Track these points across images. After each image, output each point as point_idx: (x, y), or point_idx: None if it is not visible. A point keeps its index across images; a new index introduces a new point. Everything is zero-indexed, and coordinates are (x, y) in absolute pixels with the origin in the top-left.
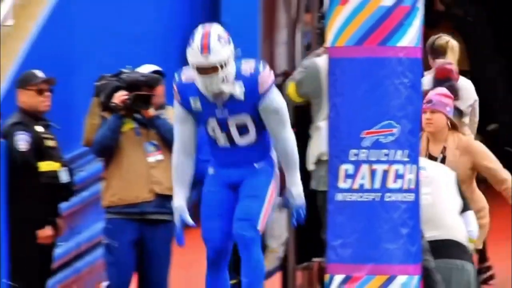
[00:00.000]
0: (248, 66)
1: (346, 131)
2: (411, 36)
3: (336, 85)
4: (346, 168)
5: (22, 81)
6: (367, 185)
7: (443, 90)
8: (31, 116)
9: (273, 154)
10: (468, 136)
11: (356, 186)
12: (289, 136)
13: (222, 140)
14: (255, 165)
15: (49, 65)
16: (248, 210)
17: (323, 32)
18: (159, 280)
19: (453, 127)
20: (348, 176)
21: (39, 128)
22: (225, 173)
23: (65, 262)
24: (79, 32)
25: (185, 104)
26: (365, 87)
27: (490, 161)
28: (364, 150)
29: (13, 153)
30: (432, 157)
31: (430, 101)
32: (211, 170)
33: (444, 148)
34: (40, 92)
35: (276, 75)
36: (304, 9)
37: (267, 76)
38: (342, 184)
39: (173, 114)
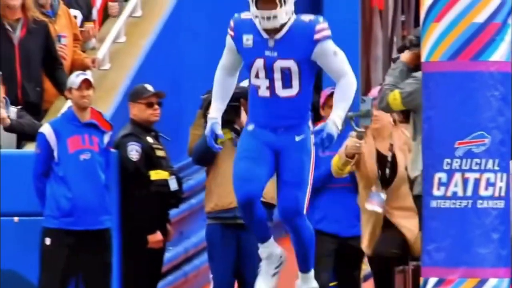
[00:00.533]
0: (308, 16)
1: (440, 142)
2: (502, 51)
3: (430, 98)
4: (440, 176)
5: (133, 94)
6: (460, 193)
7: None
8: (142, 128)
9: (310, 121)
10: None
11: (449, 193)
12: (352, 75)
13: (263, 87)
14: (296, 138)
15: (158, 79)
16: (293, 199)
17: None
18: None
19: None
20: (441, 184)
21: (150, 139)
22: (265, 134)
23: (174, 265)
24: (187, 48)
25: (237, 42)
26: (458, 100)
27: None
28: (457, 160)
29: (125, 162)
30: (381, 155)
31: (375, 98)
32: (250, 126)
33: (391, 145)
34: (150, 105)
35: (372, 88)
36: (400, 25)
37: (325, 27)
38: (436, 191)
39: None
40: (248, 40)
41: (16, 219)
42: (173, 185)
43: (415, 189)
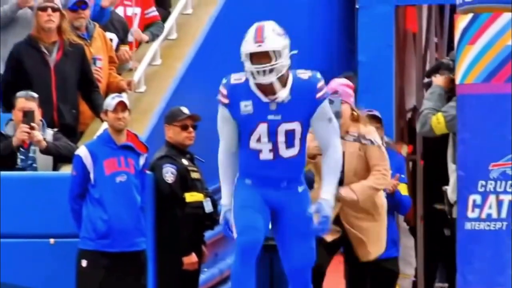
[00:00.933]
0: (305, 72)
1: (475, 164)
2: None
3: (465, 120)
4: (474, 198)
5: (169, 117)
6: (494, 215)
7: (345, 80)
8: (177, 150)
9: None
10: (369, 127)
11: (483, 215)
12: (339, 145)
13: (266, 150)
14: (299, 189)
15: (194, 102)
16: (311, 249)
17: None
18: None
19: (356, 118)
20: (476, 206)
21: (185, 161)
22: (264, 191)
23: (209, 287)
24: (222, 70)
25: (233, 109)
26: (492, 122)
27: (381, 160)
28: (491, 182)
29: (160, 185)
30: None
31: (336, 92)
32: (247, 181)
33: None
34: (185, 127)
35: (406, 111)
36: (434, 48)
37: (324, 84)
38: (471, 213)
39: (218, 116)
40: (247, 106)
41: (52, 240)
42: (208, 207)
43: (455, 212)
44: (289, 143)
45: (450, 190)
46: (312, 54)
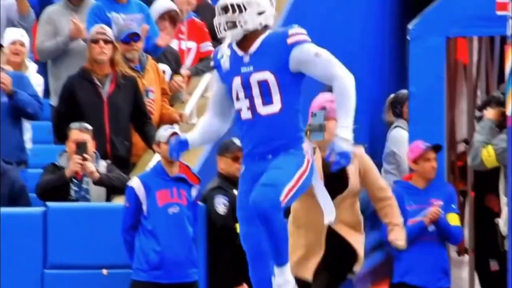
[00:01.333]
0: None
1: None
2: None
3: None
4: None
5: (221, 148)
6: None
7: (332, 96)
8: (230, 181)
9: (305, 144)
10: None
11: None
12: (344, 74)
13: (244, 108)
14: (281, 154)
15: None
16: (273, 177)
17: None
18: None
19: None
20: None
21: (237, 192)
22: (252, 168)
23: None
24: None
25: (218, 69)
26: None
27: (377, 175)
28: None
29: (213, 216)
30: (326, 165)
31: (323, 108)
32: (242, 167)
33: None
34: (237, 159)
35: (457, 142)
36: (484, 79)
37: (299, 31)
38: None
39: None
40: (225, 62)
41: (105, 271)
42: None
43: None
44: (265, 98)
45: (502, 223)
46: (364, 83)
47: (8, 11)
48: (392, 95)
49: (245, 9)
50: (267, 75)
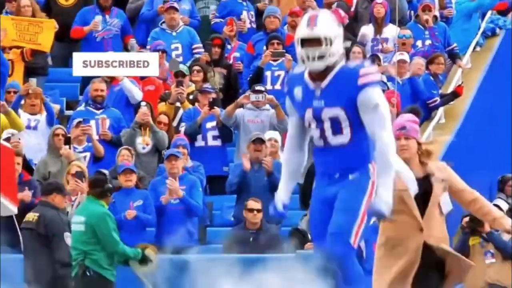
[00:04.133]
0: (357, 62)
1: None
2: None
3: None
4: None
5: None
6: None
7: (412, 116)
8: None
9: (372, 165)
10: (438, 164)
11: None
12: (386, 139)
13: (316, 136)
14: (350, 176)
15: None
16: (340, 223)
17: None
18: None
19: (428, 153)
20: None
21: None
22: (322, 188)
23: None
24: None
25: (291, 97)
26: None
27: (462, 182)
28: None
29: None
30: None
31: (403, 128)
32: (315, 182)
33: (429, 176)
34: None
35: None
36: None
37: (370, 70)
38: None
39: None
40: (298, 93)
41: None
42: None
43: None
44: (335, 130)
45: None
46: None
47: None
48: None
49: (333, 42)
50: (338, 111)
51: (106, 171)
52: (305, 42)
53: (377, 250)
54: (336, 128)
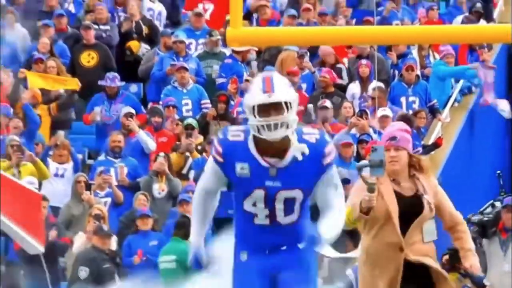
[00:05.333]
0: (311, 132)
1: None
2: None
3: None
4: None
5: None
6: None
7: (403, 125)
8: None
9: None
10: (430, 179)
11: None
12: (342, 210)
13: (261, 216)
14: (299, 246)
15: None
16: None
17: None
18: None
19: (421, 167)
20: None
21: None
22: (261, 261)
23: None
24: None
25: (227, 169)
26: None
27: (450, 204)
28: None
29: None
30: (400, 195)
31: (393, 138)
32: (243, 256)
33: (424, 188)
34: None
35: None
36: None
37: (332, 148)
38: None
39: (207, 166)
40: (243, 169)
41: None
42: None
43: None
44: (288, 211)
45: None
46: None
47: None
48: None
49: (293, 107)
50: (297, 193)
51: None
52: (261, 109)
53: (360, 266)
54: (290, 208)
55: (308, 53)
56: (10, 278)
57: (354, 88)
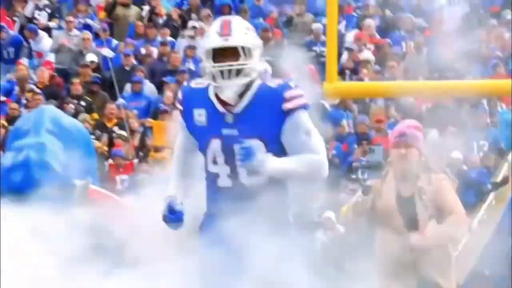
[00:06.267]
0: (278, 80)
1: None
2: None
3: None
4: None
5: None
6: None
7: (414, 122)
8: None
9: (291, 216)
10: (440, 177)
11: None
12: (323, 158)
13: (223, 174)
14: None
15: None
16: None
17: None
18: None
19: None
20: None
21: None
22: (221, 227)
23: None
24: None
25: (186, 117)
26: None
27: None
28: None
29: None
30: (401, 197)
31: (403, 134)
32: (204, 222)
33: (419, 190)
34: None
35: None
36: None
37: (297, 94)
38: None
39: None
40: (200, 115)
41: None
42: None
43: None
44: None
45: None
46: None
47: None
48: None
49: (252, 53)
50: (255, 141)
51: None
52: (217, 54)
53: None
54: None
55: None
56: None
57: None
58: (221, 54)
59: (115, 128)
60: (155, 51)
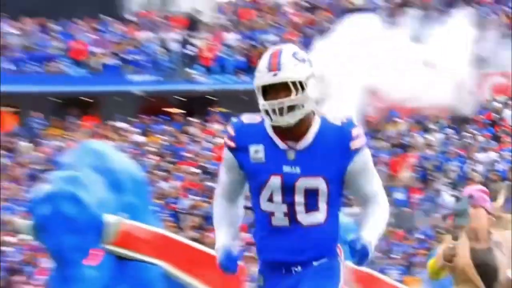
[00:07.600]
0: (337, 115)
1: None
2: None
3: None
4: None
5: None
6: None
7: (480, 186)
8: None
9: (339, 247)
10: (506, 233)
11: None
12: (387, 203)
13: (279, 213)
14: (314, 263)
15: None
16: None
17: None
18: None
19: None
20: None
21: None
22: (277, 282)
23: None
24: None
25: (240, 155)
26: None
27: None
28: None
29: None
30: (477, 256)
31: (471, 196)
32: (259, 280)
33: (496, 243)
34: None
35: None
36: None
37: (361, 132)
38: None
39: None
40: (257, 152)
41: None
42: None
43: None
44: (310, 206)
45: None
46: None
47: None
48: None
49: (305, 86)
50: (319, 182)
51: None
52: (268, 89)
53: None
54: (312, 203)
55: None
56: None
57: None
58: (272, 89)
59: None
60: None
